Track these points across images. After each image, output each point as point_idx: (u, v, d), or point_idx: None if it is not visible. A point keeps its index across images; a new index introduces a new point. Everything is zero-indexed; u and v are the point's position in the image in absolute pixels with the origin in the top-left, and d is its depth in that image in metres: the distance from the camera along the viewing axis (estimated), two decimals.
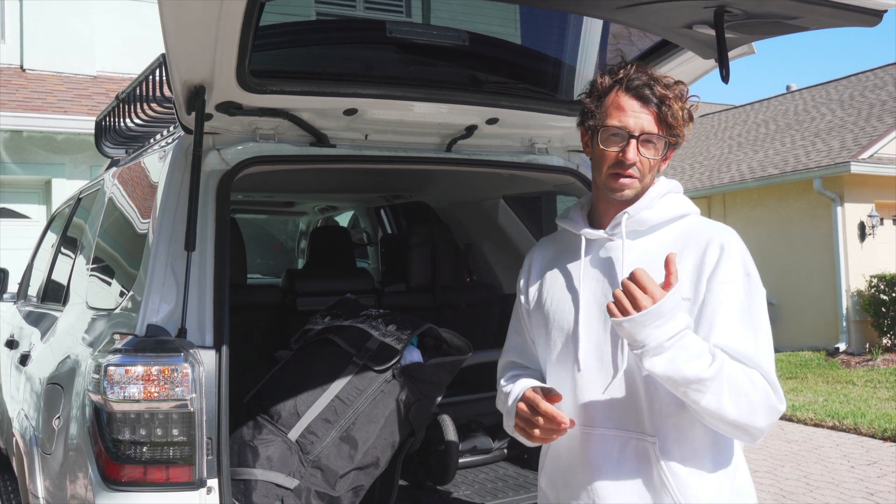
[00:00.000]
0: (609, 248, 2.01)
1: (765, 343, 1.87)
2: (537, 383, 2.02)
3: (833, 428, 8.46)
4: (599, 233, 2.01)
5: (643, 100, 1.91)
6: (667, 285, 1.76)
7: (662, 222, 1.99)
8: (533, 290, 2.13)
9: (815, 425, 8.63)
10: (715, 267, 1.88)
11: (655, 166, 1.96)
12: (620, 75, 1.94)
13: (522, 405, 1.92)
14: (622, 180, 1.93)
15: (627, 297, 1.74)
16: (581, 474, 1.97)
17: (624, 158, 1.90)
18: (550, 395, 1.89)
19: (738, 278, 1.88)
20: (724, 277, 1.87)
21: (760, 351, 1.85)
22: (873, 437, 7.99)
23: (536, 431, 1.89)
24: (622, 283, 1.77)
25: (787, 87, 24.45)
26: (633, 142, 1.90)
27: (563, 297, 2.04)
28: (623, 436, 1.92)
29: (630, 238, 1.98)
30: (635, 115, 1.90)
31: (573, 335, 1.98)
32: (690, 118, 1.97)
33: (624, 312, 1.74)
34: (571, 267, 2.06)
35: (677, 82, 1.96)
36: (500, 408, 2.16)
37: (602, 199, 2.03)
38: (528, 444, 2.00)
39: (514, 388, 2.07)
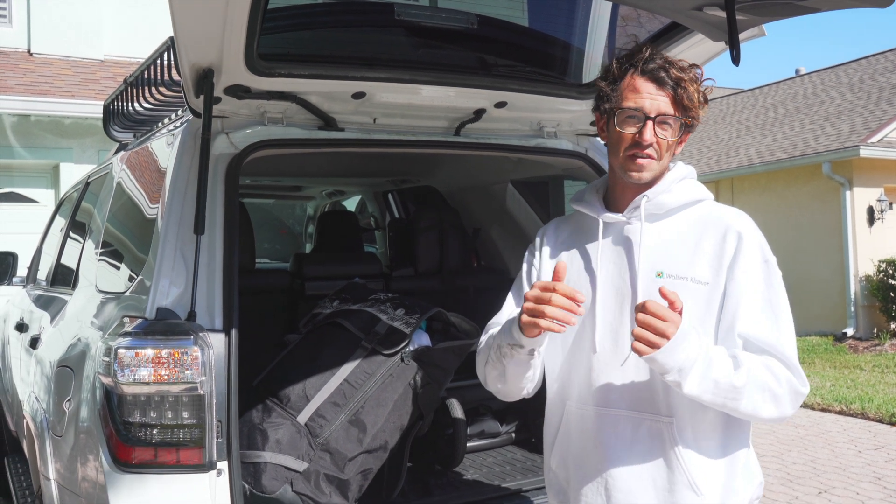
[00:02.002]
0: (626, 231, 2.01)
1: (786, 329, 1.92)
2: None
3: (840, 413, 8.46)
4: (617, 216, 2.02)
5: (659, 82, 1.92)
6: (673, 308, 1.76)
7: (679, 206, 2.00)
8: (546, 270, 2.12)
9: (823, 410, 8.64)
10: (735, 255, 1.91)
11: (672, 148, 1.97)
12: (636, 58, 1.95)
13: (534, 289, 1.82)
14: (640, 160, 1.94)
15: (650, 330, 1.73)
16: (593, 454, 1.98)
17: (641, 139, 1.91)
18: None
19: (757, 266, 1.92)
20: (744, 266, 1.90)
21: (782, 338, 1.90)
22: (881, 421, 7.99)
23: (549, 309, 1.77)
24: (637, 320, 1.74)
25: (797, 71, 24.28)
26: (650, 123, 1.91)
27: (580, 280, 2.04)
28: (637, 416, 1.94)
29: (648, 221, 1.99)
30: (651, 97, 1.92)
31: (590, 317, 1.99)
32: (705, 101, 1.99)
33: (652, 345, 1.73)
34: (589, 249, 2.06)
35: (692, 65, 1.98)
36: (478, 357, 2.12)
37: (618, 182, 2.04)
38: (525, 340, 1.88)
39: (500, 321, 2.08)
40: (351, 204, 7.11)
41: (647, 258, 1.95)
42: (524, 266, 2.22)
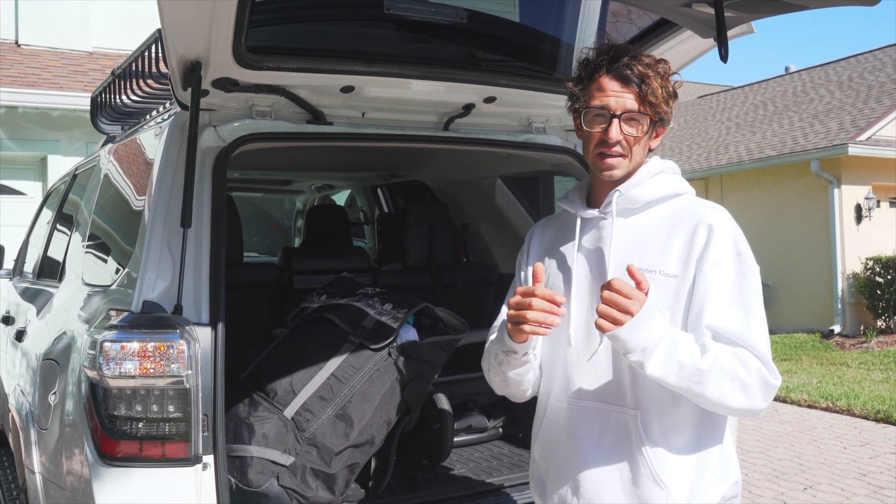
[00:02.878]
0: (602, 226, 2.04)
1: (756, 321, 1.91)
2: None
3: (826, 409, 8.51)
4: (593, 212, 2.05)
5: (624, 80, 1.94)
6: (640, 288, 1.77)
7: (654, 200, 2.02)
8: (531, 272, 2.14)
9: (809, 406, 8.68)
10: (704, 247, 1.91)
11: (643, 144, 1.99)
12: (602, 58, 1.98)
13: (516, 295, 1.85)
14: (608, 160, 1.96)
15: (614, 307, 1.74)
16: (566, 446, 2.02)
17: (607, 137, 1.94)
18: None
19: (728, 258, 1.92)
20: (714, 258, 1.90)
21: (753, 330, 1.88)
22: (866, 418, 8.04)
23: (530, 314, 1.80)
24: (602, 297, 1.76)
25: (786, 69, 24.38)
26: (616, 121, 1.94)
27: (559, 277, 2.08)
28: (605, 409, 1.96)
29: (623, 216, 2.02)
30: (616, 95, 1.94)
31: (566, 312, 1.99)
32: (674, 96, 2.00)
33: (616, 322, 1.74)
34: (567, 247, 2.10)
35: (659, 61, 1.99)
36: (483, 364, 2.17)
37: (596, 179, 2.07)
38: (516, 346, 1.92)
39: (498, 325, 2.11)
40: (340, 198, 7.10)
41: (618, 252, 1.97)
42: (517, 270, 2.26)
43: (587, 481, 1.97)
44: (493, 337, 2.13)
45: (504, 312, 2.16)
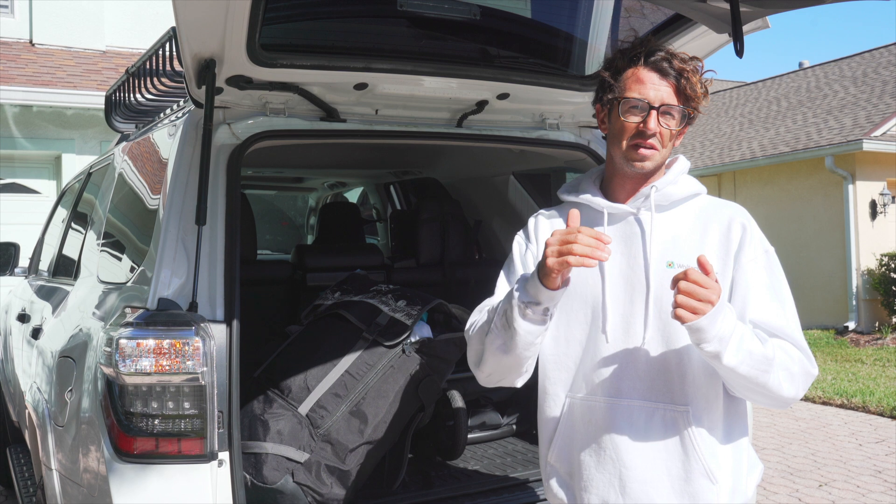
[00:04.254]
0: (632, 221, 2.02)
1: (791, 314, 1.97)
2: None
3: (841, 406, 8.46)
4: (623, 207, 2.02)
5: (662, 72, 1.95)
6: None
7: (682, 198, 2.03)
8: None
9: (824, 403, 8.64)
10: (740, 245, 1.96)
11: (674, 138, 1.99)
12: (638, 50, 1.98)
13: (554, 236, 1.77)
14: (643, 150, 1.95)
15: (693, 298, 1.72)
16: (605, 445, 1.97)
17: (646, 129, 1.93)
18: None
19: (760, 255, 1.97)
20: (750, 255, 1.95)
21: (790, 322, 1.95)
22: (881, 415, 8.00)
23: (576, 247, 1.72)
24: (680, 288, 1.72)
25: (800, 64, 24.24)
26: (654, 113, 1.93)
27: (585, 271, 1.96)
28: (650, 406, 1.94)
29: (656, 212, 2.00)
30: (655, 88, 1.94)
31: (601, 308, 1.98)
32: (706, 92, 2.01)
33: (696, 311, 1.72)
34: None
35: (693, 57, 2.00)
36: (473, 335, 2.02)
37: (617, 173, 2.04)
38: (546, 296, 1.81)
39: (494, 303, 2.00)
40: (353, 195, 7.11)
41: (656, 248, 1.97)
42: (515, 249, 2.15)
43: (634, 480, 1.94)
44: (489, 307, 2.02)
45: (498, 293, 2.09)
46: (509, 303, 1.88)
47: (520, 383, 2.05)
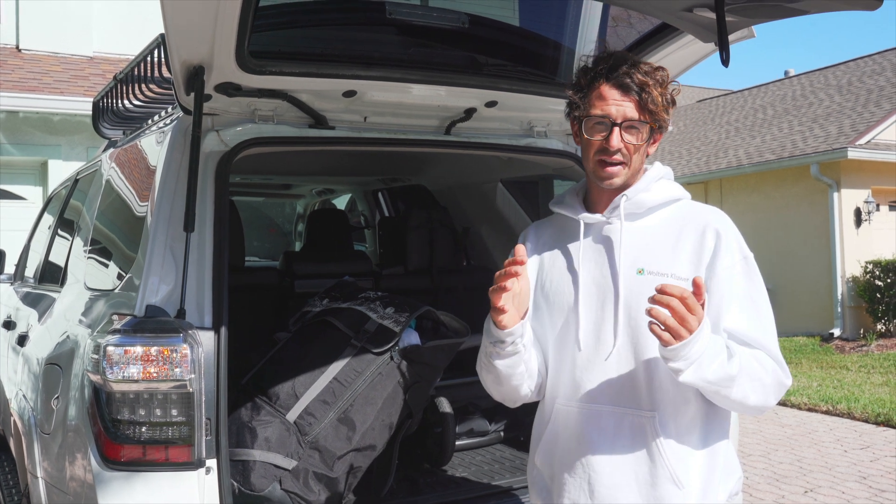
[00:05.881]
0: (606, 230, 2.05)
1: (768, 322, 1.98)
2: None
3: (827, 412, 8.50)
4: (597, 217, 2.06)
5: (624, 88, 1.96)
6: (700, 298, 1.76)
7: (657, 205, 2.05)
8: (531, 270, 2.13)
9: (809, 410, 8.67)
10: (714, 252, 1.95)
11: (642, 150, 2.01)
12: (601, 66, 1.99)
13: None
14: (608, 168, 1.99)
15: (679, 322, 1.73)
16: (577, 451, 2.01)
17: (608, 145, 1.96)
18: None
19: (737, 262, 1.97)
20: (726, 262, 1.95)
21: (765, 331, 1.96)
22: (866, 421, 8.03)
23: (497, 276, 1.85)
24: (672, 310, 1.73)
25: (786, 73, 24.37)
26: (616, 129, 1.96)
27: (563, 280, 2.08)
28: (619, 411, 1.96)
29: (628, 220, 2.03)
30: (617, 104, 1.96)
31: (574, 316, 2.02)
32: (672, 103, 2.03)
33: (678, 337, 1.74)
34: (569, 250, 2.10)
35: (657, 68, 2.02)
36: (479, 365, 2.11)
37: (594, 185, 2.09)
38: (500, 333, 1.92)
39: None
40: (340, 202, 7.10)
41: (627, 256, 1.99)
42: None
43: (601, 485, 1.96)
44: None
45: None
46: (485, 341, 2.01)
47: (534, 397, 2.14)
